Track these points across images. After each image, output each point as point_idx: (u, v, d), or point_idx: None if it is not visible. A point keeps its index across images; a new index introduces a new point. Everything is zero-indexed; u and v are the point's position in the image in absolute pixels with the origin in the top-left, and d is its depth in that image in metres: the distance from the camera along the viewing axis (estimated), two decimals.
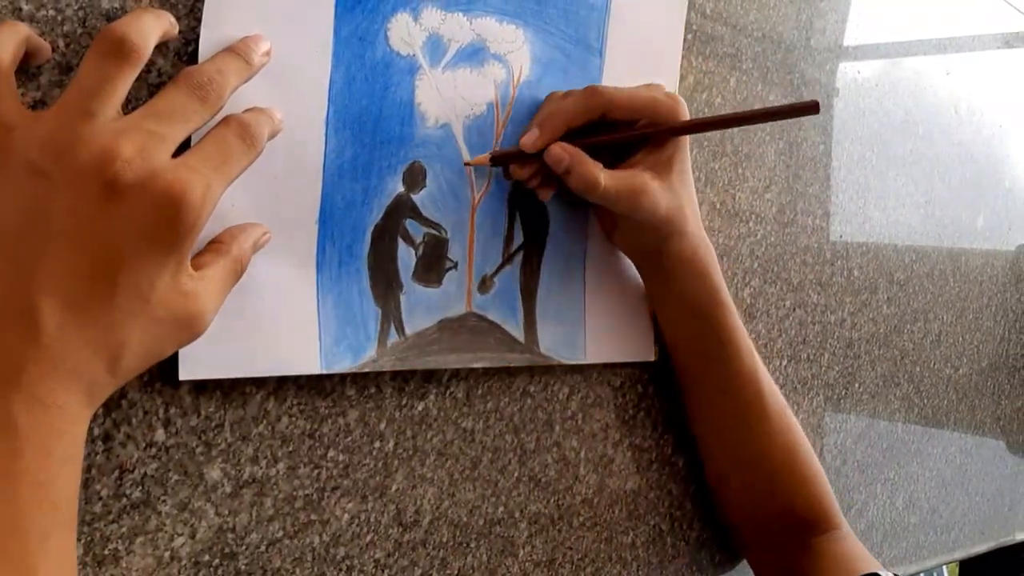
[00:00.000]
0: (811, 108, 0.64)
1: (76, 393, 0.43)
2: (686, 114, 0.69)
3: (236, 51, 0.51)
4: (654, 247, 0.74)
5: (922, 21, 1.20)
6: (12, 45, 0.45)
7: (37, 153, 0.43)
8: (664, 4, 0.77)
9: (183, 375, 0.52)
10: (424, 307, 0.65)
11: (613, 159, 0.70)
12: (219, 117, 0.49)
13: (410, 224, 0.63)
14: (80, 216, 0.43)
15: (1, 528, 0.40)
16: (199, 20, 0.52)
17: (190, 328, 0.48)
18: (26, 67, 0.48)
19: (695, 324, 0.78)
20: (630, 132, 0.69)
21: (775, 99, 0.95)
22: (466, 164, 0.66)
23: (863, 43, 1.09)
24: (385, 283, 0.62)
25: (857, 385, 1.11)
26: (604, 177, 0.66)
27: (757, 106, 0.92)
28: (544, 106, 0.69)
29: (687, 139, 0.71)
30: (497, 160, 0.67)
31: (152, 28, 0.47)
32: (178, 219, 0.44)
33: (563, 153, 0.65)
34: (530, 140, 0.66)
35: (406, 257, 0.63)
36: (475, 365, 0.68)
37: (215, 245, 0.51)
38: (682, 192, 0.71)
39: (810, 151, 1.00)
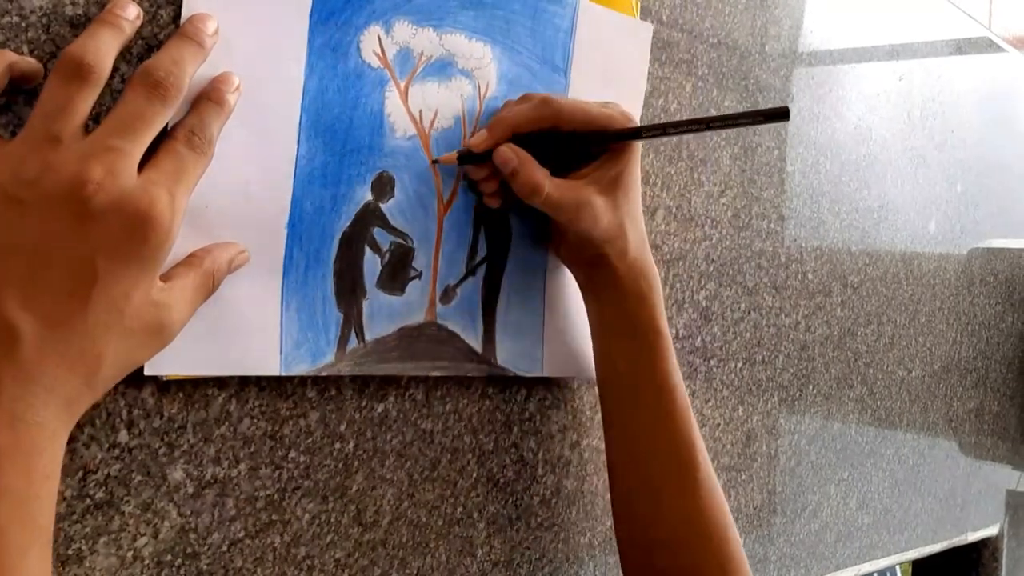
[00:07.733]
0: (781, 115, 0.63)
1: (54, 409, 0.44)
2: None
3: (188, 35, 0.51)
4: (593, 262, 0.72)
5: (875, 27, 1.22)
6: None
7: (8, 179, 0.44)
8: (629, 29, 0.79)
9: (148, 371, 0.53)
10: (386, 314, 0.65)
11: (563, 172, 0.70)
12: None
13: (378, 232, 0.64)
14: (55, 237, 0.44)
15: None
16: (162, 27, 0.53)
17: (160, 337, 0.49)
18: (20, 88, 0.49)
19: (629, 350, 0.73)
20: (582, 135, 0.69)
21: (730, 104, 0.96)
22: (433, 162, 0.67)
23: (817, 49, 1.10)
24: (349, 289, 0.63)
25: (811, 387, 1.13)
26: (549, 184, 0.67)
27: (712, 112, 0.93)
28: (499, 110, 0.70)
29: (637, 159, 0.71)
30: (464, 158, 0.68)
31: (110, 44, 0.47)
32: (150, 235, 0.46)
33: (511, 155, 0.66)
34: (478, 140, 0.67)
35: (372, 265, 0.64)
36: (432, 374, 0.69)
37: (189, 258, 0.52)
38: (625, 211, 0.71)
39: (765, 156, 1.02)
